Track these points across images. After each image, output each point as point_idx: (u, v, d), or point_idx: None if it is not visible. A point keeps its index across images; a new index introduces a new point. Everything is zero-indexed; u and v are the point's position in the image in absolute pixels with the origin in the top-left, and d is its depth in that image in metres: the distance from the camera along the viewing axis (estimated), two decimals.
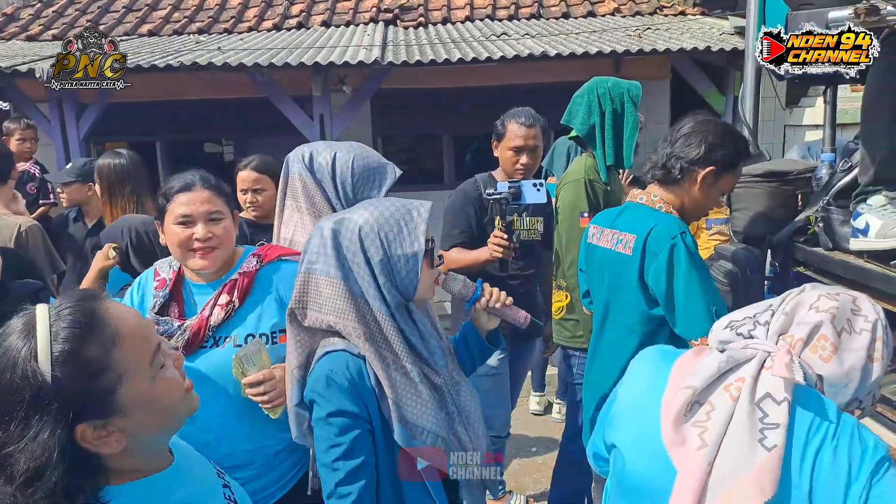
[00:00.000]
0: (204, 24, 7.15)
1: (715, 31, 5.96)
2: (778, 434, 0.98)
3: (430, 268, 1.39)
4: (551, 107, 3.56)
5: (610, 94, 2.57)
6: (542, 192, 2.49)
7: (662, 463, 1.04)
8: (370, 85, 5.59)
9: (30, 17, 7.35)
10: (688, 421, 1.03)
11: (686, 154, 1.85)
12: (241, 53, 5.46)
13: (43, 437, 0.74)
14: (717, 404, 1.02)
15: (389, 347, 1.34)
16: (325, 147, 1.82)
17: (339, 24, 7.15)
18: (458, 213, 2.68)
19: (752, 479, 0.97)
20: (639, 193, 1.97)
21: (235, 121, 6.82)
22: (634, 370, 1.20)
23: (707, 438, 1.00)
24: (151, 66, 5.04)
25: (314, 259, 1.36)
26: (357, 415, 1.32)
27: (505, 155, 2.70)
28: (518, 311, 1.55)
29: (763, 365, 1.03)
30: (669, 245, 1.78)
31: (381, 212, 1.36)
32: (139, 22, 7.28)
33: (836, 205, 2.08)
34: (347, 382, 1.31)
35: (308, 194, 1.76)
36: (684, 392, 1.04)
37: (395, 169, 1.82)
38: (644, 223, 1.86)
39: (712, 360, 1.05)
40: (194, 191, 1.60)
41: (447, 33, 6.41)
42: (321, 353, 1.36)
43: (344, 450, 1.30)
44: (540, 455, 3.76)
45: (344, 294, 1.33)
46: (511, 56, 5.17)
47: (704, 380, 1.04)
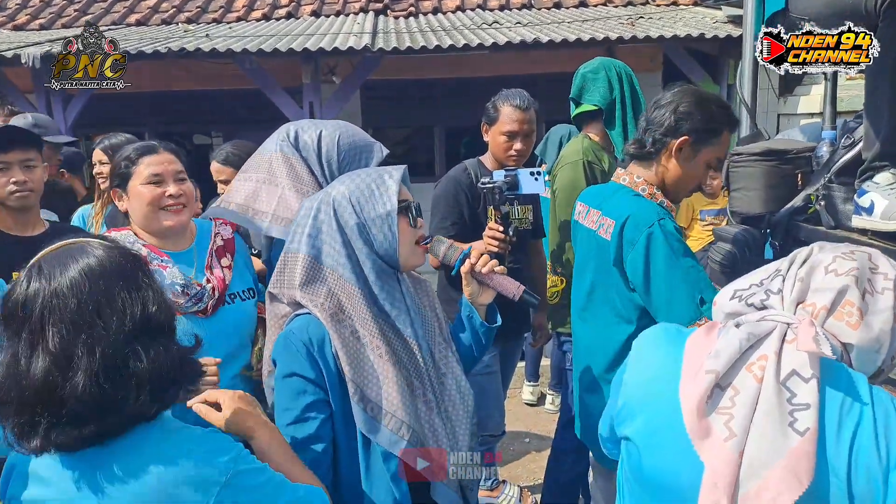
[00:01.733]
0: (192, 13, 7.06)
1: (708, 20, 5.93)
2: (809, 416, 0.89)
3: (408, 226, 1.34)
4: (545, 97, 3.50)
5: (625, 72, 2.51)
6: (539, 182, 2.33)
7: (686, 455, 0.94)
8: (360, 74, 5.52)
9: (16, 6, 7.23)
10: (711, 409, 0.93)
11: (657, 125, 1.74)
12: (229, 40, 5.37)
13: (157, 289, 0.95)
14: (741, 388, 0.93)
15: (361, 322, 1.28)
16: (311, 125, 1.78)
17: (328, 14, 7.07)
18: (449, 203, 2.50)
19: (785, 468, 0.87)
20: (622, 174, 1.88)
21: (224, 112, 6.74)
22: (640, 355, 1.10)
23: (734, 427, 0.91)
24: (139, 52, 4.96)
25: (292, 239, 1.35)
26: (311, 380, 1.24)
27: (497, 140, 2.49)
28: (510, 280, 1.48)
29: (784, 338, 0.94)
30: (646, 234, 1.68)
31: (354, 180, 1.36)
32: (127, 12, 7.18)
33: (837, 182, 2.03)
34: (303, 345, 1.24)
35: (294, 171, 1.71)
36: (706, 377, 0.94)
37: (381, 148, 1.79)
38: (622, 209, 1.76)
39: (732, 338, 0.95)
40: (160, 153, 1.66)
41: (438, 22, 6.35)
42: (291, 318, 1.32)
43: (295, 415, 1.23)
44: (533, 446, 3.71)
45: (313, 268, 1.31)
46: (503, 43, 5.11)
47: (727, 361, 0.94)
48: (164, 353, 0.91)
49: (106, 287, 0.88)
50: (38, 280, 0.88)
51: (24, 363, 0.86)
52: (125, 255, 0.94)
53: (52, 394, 0.84)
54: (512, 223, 2.36)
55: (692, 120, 1.71)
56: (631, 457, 1.06)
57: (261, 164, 1.77)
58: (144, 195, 1.61)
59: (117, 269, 0.91)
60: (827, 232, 2.00)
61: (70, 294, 0.87)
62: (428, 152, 7.28)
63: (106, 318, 0.87)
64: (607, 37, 5.10)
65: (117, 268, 0.91)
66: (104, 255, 0.91)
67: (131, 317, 0.89)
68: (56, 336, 0.85)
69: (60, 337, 0.85)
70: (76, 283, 0.87)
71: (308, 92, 5.47)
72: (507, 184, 2.25)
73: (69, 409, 0.85)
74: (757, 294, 1.01)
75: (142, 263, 0.97)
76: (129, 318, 0.88)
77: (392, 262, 1.33)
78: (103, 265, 0.90)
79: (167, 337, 0.93)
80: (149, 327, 0.90)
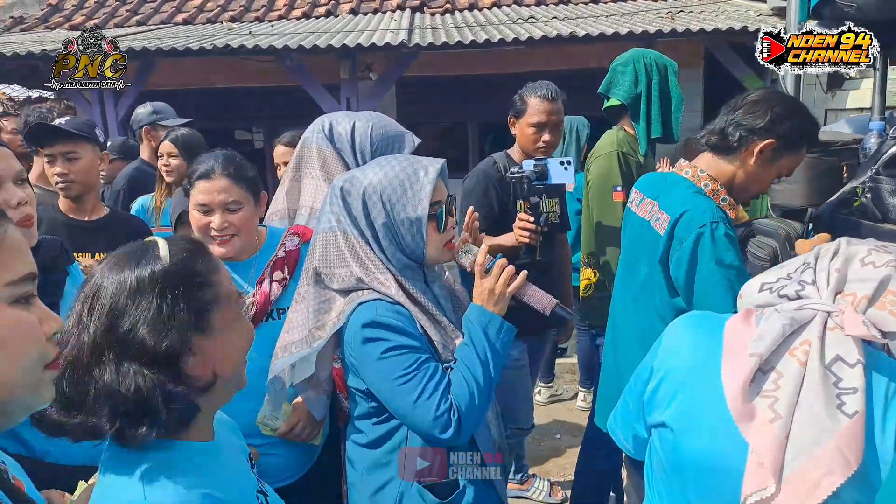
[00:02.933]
0: (236, 12, 7.25)
1: (752, 13, 5.78)
2: (857, 399, 0.89)
3: (436, 232, 1.32)
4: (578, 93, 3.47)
5: (656, 63, 2.45)
6: (569, 172, 2.29)
7: (729, 436, 0.95)
8: (396, 70, 5.57)
9: (73, 7, 7.54)
10: (755, 392, 0.94)
11: (748, 122, 1.68)
12: (271, 38, 5.50)
13: (168, 315, 0.84)
14: (784, 371, 0.93)
15: (421, 297, 1.31)
16: (345, 116, 1.81)
17: (366, 12, 7.16)
18: (478, 196, 2.48)
19: (834, 449, 0.88)
20: (685, 165, 1.82)
21: (264, 109, 6.89)
22: (673, 341, 1.10)
23: (779, 409, 0.92)
24: (186, 48, 5.12)
25: (334, 219, 1.33)
26: (418, 347, 1.25)
27: (525, 132, 2.46)
28: (542, 293, 1.37)
29: (826, 326, 0.94)
30: (696, 234, 1.63)
31: (387, 172, 1.31)
32: (175, 11, 7.43)
33: (885, 174, 1.96)
34: (397, 322, 1.25)
35: (326, 164, 1.75)
36: (750, 360, 0.94)
37: (413, 137, 1.79)
38: (679, 205, 1.71)
39: (775, 323, 0.95)
40: (213, 179, 1.59)
41: (473, 18, 6.36)
42: (352, 308, 1.30)
43: (419, 377, 1.22)
44: (564, 442, 3.69)
45: (365, 251, 1.31)
46: (539, 37, 5.08)
47: (770, 344, 0.94)
48: (139, 378, 0.82)
49: (120, 296, 0.85)
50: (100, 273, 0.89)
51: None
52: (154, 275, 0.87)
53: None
54: (542, 214, 2.34)
55: (785, 125, 1.66)
56: (665, 443, 1.05)
57: (301, 157, 1.81)
58: (194, 220, 1.62)
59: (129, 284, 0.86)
60: (873, 226, 1.94)
61: (104, 293, 0.86)
62: (461, 148, 7.30)
63: (92, 319, 0.84)
64: (646, 30, 5.02)
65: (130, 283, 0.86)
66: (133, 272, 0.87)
67: (110, 329, 0.83)
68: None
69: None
70: (106, 278, 0.86)
71: (345, 88, 5.55)
72: (536, 173, 2.23)
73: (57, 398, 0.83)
74: (789, 286, 1.00)
75: (181, 280, 0.88)
76: (107, 329, 0.83)
77: (418, 260, 1.34)
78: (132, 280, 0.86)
79: (152, 365, 0.83)
80: (130, 346, 0.83)
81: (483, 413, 1.27)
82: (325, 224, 1.35)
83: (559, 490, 3.13)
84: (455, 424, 1.21)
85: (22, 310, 0.69)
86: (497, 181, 2.49)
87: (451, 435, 1.21)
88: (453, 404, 1.21)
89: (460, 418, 1.21)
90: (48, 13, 7.40)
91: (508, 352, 1.32)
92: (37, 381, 0.71)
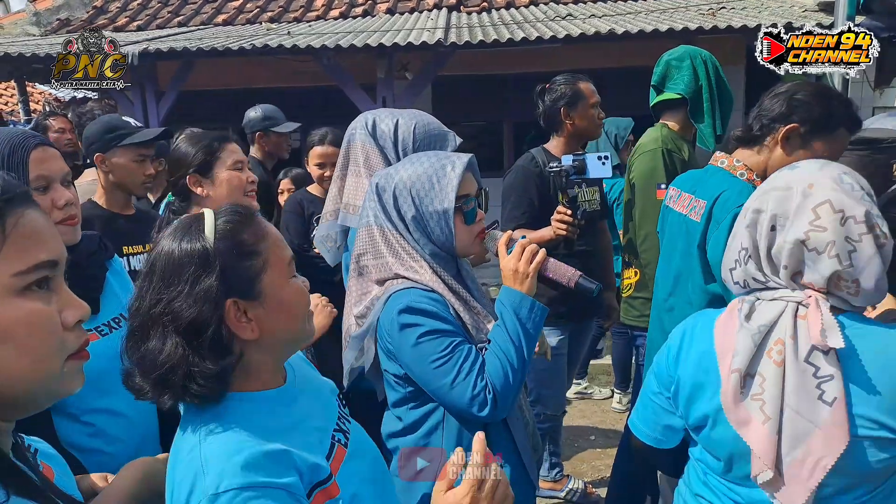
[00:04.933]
0: (275, 13, 7.38)
1: (796, 9, 5.63)
2: (835, 385, 0.99)
3: (463, 224, 1.37)
4: (618, 92, 3.45)
5: (711, 61, 2.43)
6: (607, 166, 2.36)
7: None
8: (432, 69, 5.60)
9: (117, 9, 7.79)
10: (746, 396, 1.05)
11: (768, 110, 1.70)
12: (309, 37, 5.59)
13: (203, 289, 0.88)
14: (765, 374, 1.04)
15: (454, 283, 1.37)
16: (388, 114, 1.84)
17: (403, 12, 7.21)
18: (518, 193, 2.55)
19: (822, 437, 0.99)
20: (721, 157, 1.84)
21: (302, 108, 6.99)
22: (688, 342, 1.19)
23: (768, 411, 1.02)
24: (225, 48, 5.23)
25: (371, 213, 1.40)
26: (453, 331, 1.30)
27: (589, 114, 2.58)
28: (565, 266, 1.39)
29: (797, 315, 1.04)
30: (733, 213, 1.64)
31: (416, 168, 1.37)
32: (215, 12, 7.60)
33: None
34: (431, 307, 1.30)
35: (369, 160, 1.79)
36: (732, 377, 1.06)
37: (455, 136, 1.83)
38: (716, 189, 1.74)
39: (745, 337, 1.06)
40: (234, 141, 1.82)
41: (510, 16, 6.35)
42: (386, 296, 1.35)
43: (455, 359, 1.27)
44: (599, 443, 3.67)
45: (399, 242, 1.37)
46: (577, 35, 5.04)
47: (745, 358, 1.05)
48: (177, 349, 0.88)
49: (173, 269, 0.90)
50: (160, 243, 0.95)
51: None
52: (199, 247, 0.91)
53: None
54: (580, 206, 2.38)
55: (807, 109, 1.66)
56: (711, 429, 1.14)
57: (346, 155, 1.86)
58: (234, 180, 1.77)
59: (181, 257, 0.91)
60: None
61: (157, 266, 0.92)
62: (497, 147, 7.28)
63: (148, 290, 0.90)
64: (686, 27, 4.93)
65: (181, 256, 0.91)
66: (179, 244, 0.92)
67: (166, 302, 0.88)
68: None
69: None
70: (160, 254, 0.92)
71: (382, 87, 5.60)
72: (574, 168, 2.29)
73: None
74: (748, 275, 1.12)
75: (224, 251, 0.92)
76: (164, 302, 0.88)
77: (450, 252, 1.39)
78: (175, 252, 0.91)
79: (190, 338, 0.88)
80: (168, 319, 0.88)
81: (518, 391, 1.31)
82: (364, 219, 1.42)
83: (593, 490, 3.12)
84: (492, 402, 1.25)
85: (36, 300, 0.65)
86: (536, 176, 2.54)
87: (489, 412, 1.26)
88: (489, 383, 1.26)
89: (496, 397, 1.26)
90: (93, 15, 7.65)
91: (540, 331, 1.36)
92: (56, 373, 0.66)
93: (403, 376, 1.36)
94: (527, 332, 1.31)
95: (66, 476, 0.88)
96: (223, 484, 0.82)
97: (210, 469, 0.84)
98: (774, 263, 1.09)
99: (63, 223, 1.33)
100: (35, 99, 8.86)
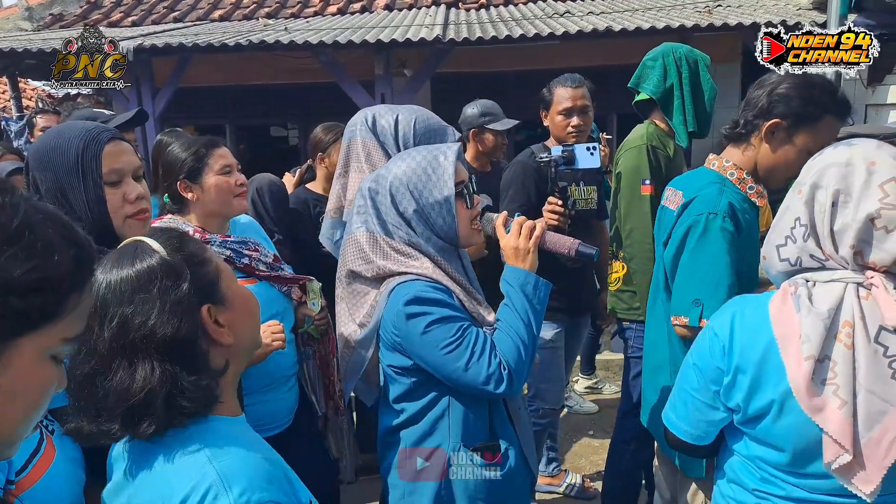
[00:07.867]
0: (272, 9, 7.36)
1: (791, 7, 5.66)
2: None
3: (465, 208, 1.40)
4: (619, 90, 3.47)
5: (686, 58, 2.44)
6: (595, 156, 2.40)
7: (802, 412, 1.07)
8: (430, 65, 5.60)
9: (111, 4, 7.74)
10: (819, 380, 1.04)
11: (751, 107, 1.69)
12: (307, 33, 5.58)
13: (178, 299, 0.87)
14: (836, 358, 1.03)
15: (456, 274, 1.40)
16: (387, 110, 1.86)
17: (401, 8, 7.21)
18: (516, 187, 2.60)
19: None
20: (713, 158, 1.85)
21: (300, 105, 6.99)
22: (740, 331, 1.16)
23: (842, 395, 1.02)
24: (222, 44, 5.22)
25: (359, 220, 1.42)
26: (460, 316, 1.32)
27: (555, 120, 2.62)
28: (563, 237, 1.44)
29: (859, 296, 1.03)
30: (693, 220, 1.68)
31: (409, 164, 1.39)
32: (211, 8, 7.57)
33: None
34: (437, 296, 1.32)
35: (371, 156, 1.80)
36: (805, 364, 1.04)
37: (454, 131, 1.85)
38: (694, 192, 1.75)
39: (815, 321, 1.04)
40: (224, 146, 1.85)
41: (509, 13, 6.36)
42: (388, 291, 1.37)
43: (466, 341, 1.29)
44: (597, 438, 3.71)
45: (391, 244, 1.40)
46: (574, 32, 5.06)
47: (818, 344, 1.04)
48: (152, 373, 0.84)
49: (135, 290, 0.87)
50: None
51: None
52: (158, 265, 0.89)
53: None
54: (571, 197, 2.42)
55: (788, 103, 1.63)
56: (756, 429, 1.14)
57: (347, 153, 1.86)
58: (223, 184, 1.78)
59: (136, 279, 0.88)
60: None
61: (105, 291, 0.88)
62: None
63: (104, 329, 0.86)
64: (682, 25, 4.95)
65: (137, 278, 0.88)
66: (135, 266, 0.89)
67: (123, 328, 0.85)
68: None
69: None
70: (110, 284, 0.88)
71: (380, 84, 5.60)
72: (563, 158, 2.33)
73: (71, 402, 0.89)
74: (804, 252, 1.10)
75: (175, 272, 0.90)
76: (122, 330, 0.85)
77: (452, 242, 1.41)
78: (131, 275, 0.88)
79: (167, 356, 0.85)
80: (133, 342, 0.85)
81: (530, 366, 1.35)
82: (350, 227, 1.44)
83: (591, 484, 3.16)
84: (507, 378, 1.29)
85: (55, 367, 0.66)
86: (535, 171, 2.58)
87: (505, 387, 1.29)
88: (502, 360, 1.30)
89: (511, 373, 1.29)
90: (87, 10, 7.60)
91: (546, 306, 1.40)
92: (23, 436, 0.67)
93: (408, 368, 1.37)
94: (534, 308, 1.34)
95: (71, 462, 0.92)
96: (255, 498, 0.81)
97: (235, 483, 0.82)
98: (835, 242, 1.06)
99: (134, 217, 1.33)
100: (28, 95, 8.78)
